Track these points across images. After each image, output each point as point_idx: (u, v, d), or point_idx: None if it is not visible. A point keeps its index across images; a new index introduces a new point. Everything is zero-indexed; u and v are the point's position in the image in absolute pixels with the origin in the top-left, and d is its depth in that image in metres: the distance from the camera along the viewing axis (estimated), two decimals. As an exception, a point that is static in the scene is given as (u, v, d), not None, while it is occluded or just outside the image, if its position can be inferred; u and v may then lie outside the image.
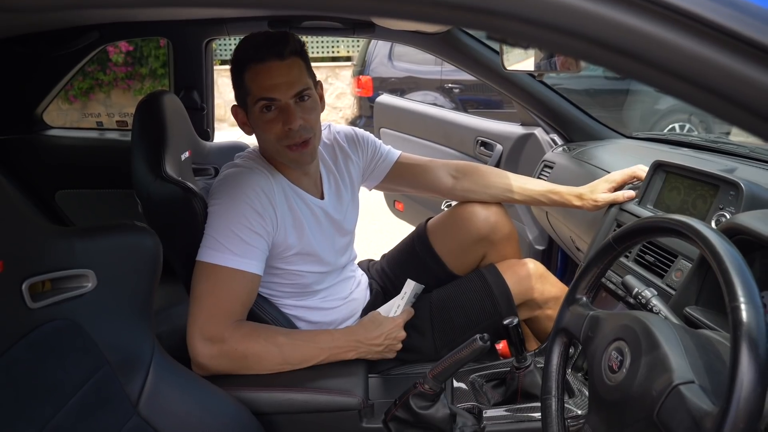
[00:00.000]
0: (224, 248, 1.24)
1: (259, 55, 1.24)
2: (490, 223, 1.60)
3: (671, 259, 1.25)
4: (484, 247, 1.61)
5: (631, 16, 0.42)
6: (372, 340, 1.35)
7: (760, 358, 0.61)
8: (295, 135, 1.27)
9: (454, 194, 1.66)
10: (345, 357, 1.33)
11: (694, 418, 0.66)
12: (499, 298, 1.49)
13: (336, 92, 9.24)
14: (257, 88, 1.26)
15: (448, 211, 1.68)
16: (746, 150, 1.54)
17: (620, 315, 0.87)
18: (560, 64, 1.31)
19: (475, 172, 1.64)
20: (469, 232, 1.60)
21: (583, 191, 1.55)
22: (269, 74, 1.25)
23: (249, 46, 1.27)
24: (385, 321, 1.38)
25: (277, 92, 1.25)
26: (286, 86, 1.25)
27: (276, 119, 1.27)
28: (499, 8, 0.42)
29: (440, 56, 2.02)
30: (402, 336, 1.39)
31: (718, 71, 0.41)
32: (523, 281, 1.52)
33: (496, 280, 1.51)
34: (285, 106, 1.26)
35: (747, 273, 0.67)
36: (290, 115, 1.26)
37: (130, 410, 1.01)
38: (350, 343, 1.33)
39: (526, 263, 1.57)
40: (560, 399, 0.96)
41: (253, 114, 1.29)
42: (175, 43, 2.14)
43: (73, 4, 0.58)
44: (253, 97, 1.27)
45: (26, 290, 0.89)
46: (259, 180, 1.30)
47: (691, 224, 0.77)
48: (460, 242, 1.62)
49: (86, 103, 8.14)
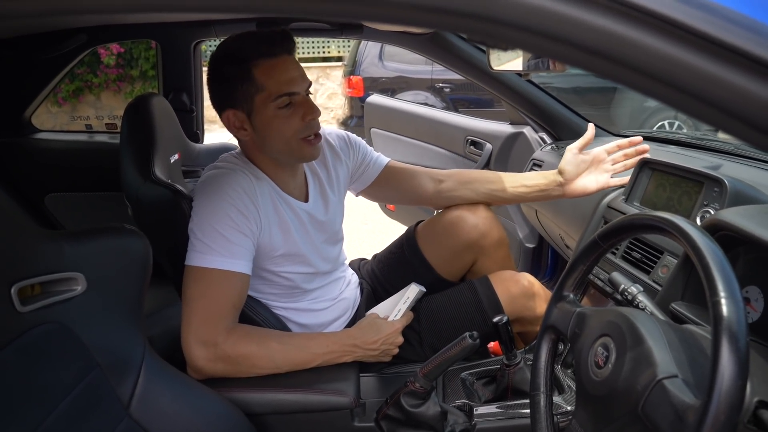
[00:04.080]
0: (210, 250, 1.23)
1: (269, 51, 1.22)
2: (480, 230, 1.58)
3: (657, 255, 1.26)
4: (473, 252, 1.60)
5: (606, 19, 0.43)
6: (369, 345, 1.34)
7: (740, 351, 0.62)
8: (315, 126, 1.28)
9: (439, 197, 1.64)
10: (340, 361, 1.33)
11: (677, 412, 0.67)
12: (489, 313, 1.45)
13: (327, 92, 9.23)
14: (274, 83, 1.22)
15: (437, 216, 1.67)
16: (732, 147, 1.56)
17: (606, 311, 0.88)
18: (548, 64, 1.33)
19: (457, 174, 1.64)
20: (459, 238, 1.59)
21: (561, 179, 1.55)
22: (286, 68, 1.23)
23: (250, 45, 1.23)
24: (384, 326, 1.37)
25: (296, 86, 1.24)
26: (301, 79, 1.25)
27: (294, 114, 1.25)
28: (472, 10, 0.43)
29: (428, 56, 2.03)
30: (400, 341, 1.39)
31: (691, 72, 0.42)
32: (516, 299, 1.49)
33: (488, 293, 1.49)
34: (303, 99, 1.26)
35: (728, 268, 0.68)
36: (311, 106, 1.27)
37: (122, 412, 1.01)
38: (346, 348, 1.33)
39: (521, 279, 1.52)
40: (549, 395, 0.97)
41: (266, 113, 1.25)
42: (163, 46, 2.15)
43: (59, 10, 0.58)
44: (269, 94, 1.23)
45: (15, 294, 0.89)
46: (240, 181, 1.28)
47: (673, 221, 0.78)
48: (449, 248, 1.60)
49: (76, 105, 8.10)
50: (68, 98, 7.98)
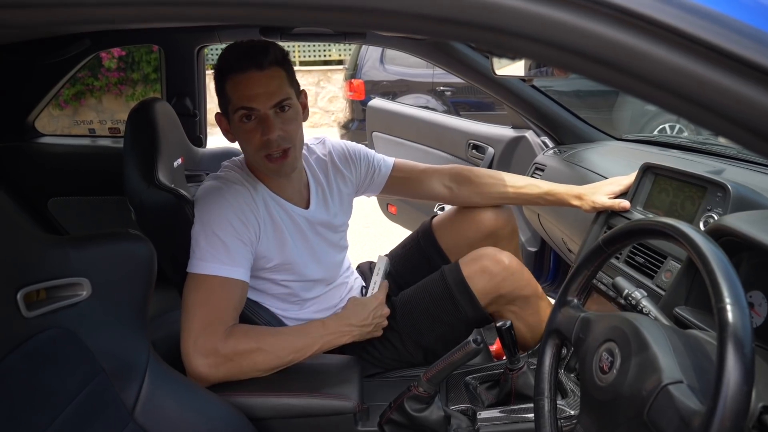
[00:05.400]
0: (211, 257, 1.25)
1: (239, 65, 1.25)
2: (498, 221, 1.64)
3: (661, 260, 1.27)
4: (489, 243, 1.60)
5: (614, 29, 0.43)
6: (362, 321, 1.37)
7: (745, 357, 0.62)
8: (273, 145, 1.28)
9: (452, 202, 1.70)
10: (338, 343, 1.34)
11: (683, 418, 0.68)
12: (460, 299, 1.43)
13: (328, 96, 9.25)
14: (237, 97, 1.27)
15: (456, 209, 1.72)
16: (734, 151, 1.56)
17: (611, 316, 0.88)
18: (552, 70, 1.33)
19: (469, 180, 1.65)
20: (478, 228, 1.64)
21: (584, 191, 1.55)
22: (248, 84, 1.25)
23: (230, 56, 1.28)
24: (368, 301, 1.40)
25: (255, 102, 1.26)
26: (265, 96, 1.26)
27: (255, 129, 1.28)
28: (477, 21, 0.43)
29: (431, 61, 2.04)
30: (386, 312, 1.42)
31: (694, 80, 0.43)
32: (495, 276, 1.44)
33: (456, 279, 1.45)
34: (264, 116, 1.27)
35: (732, 274, 0.68)
36: (268, 126, 1.27)
37: (126, 417, 1.01)
38: (343, 328, 1.34)
39: (498, 256, 1.47)
40: (553, 400, 0.97)
41: (234, 123, 1.30)
42: (166, 50, 2.15)
43: (63, 21, 0.59)
44: (233, 106, 1.28)
45: (21, 299, 0.90)
46: (241, 192, 1.31)
47: (677, 227, 0.79)
48: (467, 238, 1.64)
49: (77, 108, 8.11)
50: (70, 101, 8.00)
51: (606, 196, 1.50)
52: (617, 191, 1.50)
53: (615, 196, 1.50)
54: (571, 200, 1.57)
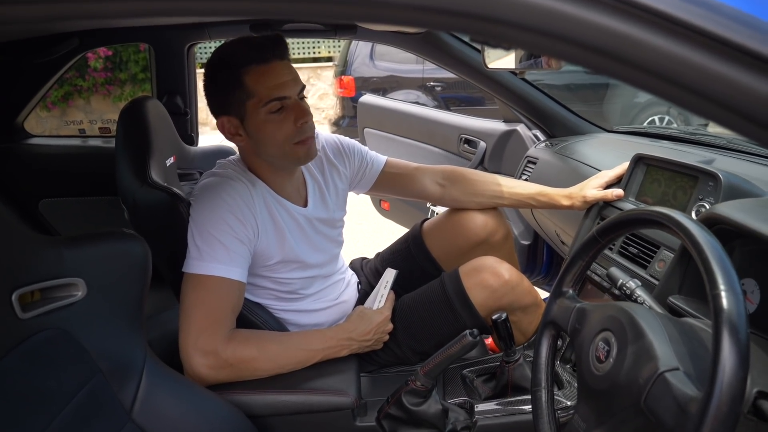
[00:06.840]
0: (208, 257, 1.23)
1: (260, 56, 1.23)
2: (488, 228, 1.61)
3: (654, 250, 1.28)
4: (482, 250, 1.60)
5: (610, 17, 0.43)
6: (363, 336, 1.36)
7: (741, 343, 0.63)
8: (309, 129, 1.28)
9: (442, 202, 1.68)
10: (338, 355, 1.34)
11: (680, 404, 0.68)
12: (460, 310, 1.41)
13: (318, 93, 9.22)
14: (265, 88, 1.23)
15: (445, 215, 1.69)
16: (724, 141, 1.57)
17: (606, 306, 0.89)
18: (543, 62, 1.34)
19: (462, 180, 1.64)
20: (467, 237, 1.61)
21: (572, 190, 1.56)
22: (278, 73, 1.24)
23: (244, 49, 1.24)
24: (374, 316, 1.39)
25: (287, 90, 1.25)
26: (293, 83, 1.26)
27: (286, 118, 1.26)
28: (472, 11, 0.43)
29: (422, 55, 2.03)
30: (390, 328, 1.41)
31: (692, 69, 0.43)
32: (496, 291, 1.41)
33: (456, 289, 1.42)
34: (295, 103, 1.27)
35: (727, 261, 0.68)
36: (303, 110, 1.27)
37: (124, 417, 1.01)
38: (342, 342, 1.34)
39: (498, 270, 1.42)
40: (550, 390, 0.98)
41: (257, 118, 1.25)
42: (156, 49, 2.14)
43: (52, 17, 0.58)
44: (260, 99, 1.24)
45: (16, 301, 0.89)
46: (237, 188, 1.29)
47: (671, 215, 0.79)
48: (457, 246, 1.62)
49: (65, 109, 8.05)
50: (57, 103, 7.93)
51: (595, 189, 1.52)
52: (604, 183, 1.52)
53: (603, 188, 1.51)
54: (562, 200, 1.58)
